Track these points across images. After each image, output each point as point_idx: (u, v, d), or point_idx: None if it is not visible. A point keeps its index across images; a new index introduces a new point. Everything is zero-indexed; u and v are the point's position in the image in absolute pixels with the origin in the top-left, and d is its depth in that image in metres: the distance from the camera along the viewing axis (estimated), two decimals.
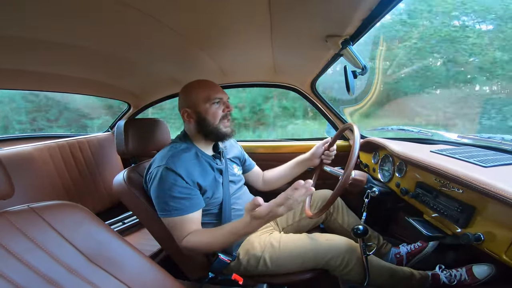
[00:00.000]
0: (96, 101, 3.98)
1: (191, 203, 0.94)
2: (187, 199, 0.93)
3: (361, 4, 0.65)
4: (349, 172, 0.90)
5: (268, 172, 1.40)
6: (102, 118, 4.09)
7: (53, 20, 0.68)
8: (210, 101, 1.01)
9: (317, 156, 1.26)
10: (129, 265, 0.69)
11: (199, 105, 1.02)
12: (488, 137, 1.03)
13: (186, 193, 0.93)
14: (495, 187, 0.63)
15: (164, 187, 0.91)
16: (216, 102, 1.03)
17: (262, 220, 0.79)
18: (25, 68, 1.04)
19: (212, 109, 1.02)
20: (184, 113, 1.05)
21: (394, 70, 3.07)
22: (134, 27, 0.77)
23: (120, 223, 1.67)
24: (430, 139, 1.32)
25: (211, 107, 1.02)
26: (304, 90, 1.71)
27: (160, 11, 0.68)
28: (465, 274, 1.07)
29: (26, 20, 0.66)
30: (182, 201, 0.92)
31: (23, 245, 0.58)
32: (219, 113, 1.03)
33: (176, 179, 0.92)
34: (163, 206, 0.92)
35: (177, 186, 0.92)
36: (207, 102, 1.01)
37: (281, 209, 0.76)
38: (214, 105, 1.02)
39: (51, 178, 1.54)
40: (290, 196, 0.75)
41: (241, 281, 0.97)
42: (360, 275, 1.00)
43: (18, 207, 0.63)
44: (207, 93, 1.02)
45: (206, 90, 1.03)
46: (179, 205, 0.91)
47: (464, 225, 0.76)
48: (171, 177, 0.92)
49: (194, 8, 0.68)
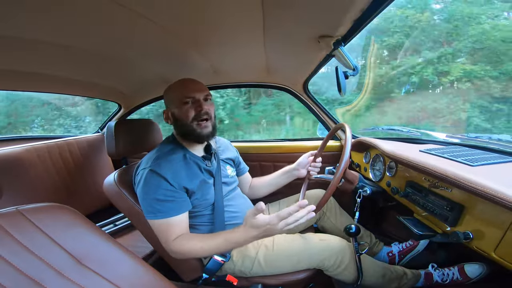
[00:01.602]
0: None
1: (176, 206, 0.93)
2: (172, 202, 0.92)
3: (352, 5, 0.66)
4: (341, 171, 0.91)
5: (256, 179, 1.41)
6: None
7: (39, 18, 0.66)
8: (182, 100, 0.98)
9: (302, 166, 1.26)
10: (121, 267, 0.68)
11: (174, 105, 1.01)
12: (476, 137, 1.05)
13: (170, 196, 0.92)
14: (483, 185, 0.64)
15: (148, 189, 0.91)
16: (190, 102, 0.99)
17: (259, 231, 0.79)
18: (9, 68, 1.01)
19: (183, 109, 0.99)
20: (164, 114, 1.04)
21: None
22: (124, 26, 0.76)
23: (111, 225, 1.65)
24: (420, 138, 1.34)
25: (182, 107, 0.99)
26: (297, 91, 1.72)
27: (151, 9, 0.68)
28: (457, 273, 1.09)
29: (9, 19, 0.64)
30: (166, 204, 0.91)
31: (11, 247, 0.57)
32: (190, 113, 0.98)
33: (161, 182, 0.91)
34: (148, 208, 0.91)
35: (161, 189, 0.91)
36: (180, 102, 0.99)
37: (281, 224, 0.76)
38: (186, 105, 0.99)
39: (40, 180, 1.51)
40: (292, 213, 0.75)
41: (236, 282, 0.97)
42: (353, 275, 1.00)
43: (6, 210, 0.62)
44: (180, 92, 0.99)
45: (181, 90, 1.00)
46: (164, 208, 0.90)
47: (453, 224, 0.78)
48: (156, 179, 0.91)
49: (186, 6, 0.68)
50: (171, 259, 1.04)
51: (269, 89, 1.88)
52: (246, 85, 1.86)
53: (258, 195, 1.38)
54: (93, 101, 5.02)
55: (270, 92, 4.64)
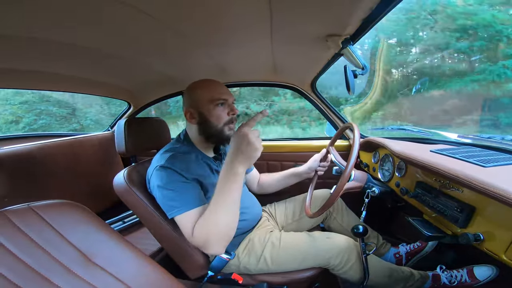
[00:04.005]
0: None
1: (195, 198, 0.90)
2: (191, 194, 0.90)
3: (361, 3, 0.65)
4: (349, 172, 0.90)
5: (265, 176, 1.40)
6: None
7: (51, 19, 0.68)
8: (214, 102, 0.96)
9: (313, 170, 1.28)
10: (128, 265, 0.69)
11: (202, 105, 0.98)
12: (488, 137, 1.03)
13: (190, 188, 0.90)
14: (495, 187, 0.63)
15: (166, 185, 0.89)
16: (220, 104, 0.98)
17: (237, 138, 0.80)
18: (22, 67, 1.04)
19: (216, 111, 0.97)
20: (187, 113, 1.01)
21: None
22: (132, 26, 0.77)
23: (120, 222, 1.67)
24: (430, 138, 1.32)
25: (215, 108, 0.97)
26: (305, 90, 1.71)
27: (159, 9, 0.68)
28: (466, 275, 1.07)
29: (24, 19, 0.66)
30: (185, 196, 0.89)
31: (22, 243, 0.59)
32: (223, 116, 0.98)
33: (177, 176, 0.90)
34: (170, 203, 0.88)
35: (179, 182, 0.89)
36: (211, 103, 0.97)
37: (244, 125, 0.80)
38: (218, 107, 0.97)
39: (52, 177, 1.55)
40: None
41: (241, 280, 0.97)
42: (359, 274, 1.00)
43: (18, 206, 0.63)
44: (211, 93, 0.97)
45: (211, 90, 0.98)
46: (183, 201, 0.88)
47: (463, 225, 0.76)
48: (172, 174, 0.90)
49: (194, 6, 0.68)
50: (177, 257, 1.05)
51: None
52: (254, 84, 1.86)
53: (267, 191, 1.38)
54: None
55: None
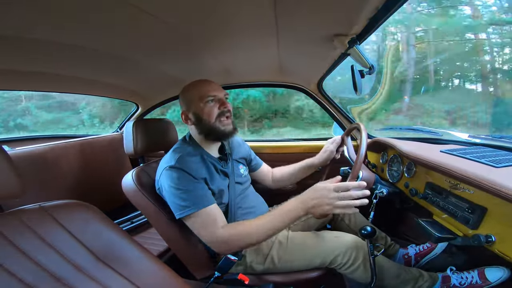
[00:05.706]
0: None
1: (208, 196, 0.93)
2: (203, 192, 0.92)
3: (367, 3, 0.65)
4: (356, 172, 0.89)
5: (278, 169, 1.39)
6: None
7: (59, 21, 0.69)
8: (204, 99, 0.99)
9: (329, 160, 1.27)
10: (136, 264, 0.70)
11: (194, 105, 1.01)
12: (500, 137, 1.01)
13: (200, 188, 0.92)
14: (507, 187, 0.62)
15: (177, 185, 0.90)
16: (210, 100, 1.00)
17: (314, 193, 0.80)
18: (31, 69, 1.06)
19: (206, 107, 1.00)
20: (182, 116, 1.05)
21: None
22: (139, 28, 0.78)
23: (128, 222, 1.70)
24: (440, 139, 1.29)
25: (205, 105, 0.99)
26: (311, 90, 1.70)
27: (165, 11, 0.69)
28: (477, 277, 1.04)
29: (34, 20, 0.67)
30: (199, 194, 0.90)
31: (33, 243, 0.60)
32: (214, 111, 1.00)
33: (187, 176, 0.91)
34: (182, 203, 0.89)
35: (189, 181, 0.91)
36: (201, 101, 0.99)
37: (333, 194, 0.77)
38: (208, 104, 1.00)
39: (62, 178, 1.58)
40: (351, 187, 0.77)
41: (247, 281, 0.97)
42: (366, 274, 0.98)
43: (29, 206, 0.65)
44: (200, 92, 1.00)
45: (199, 89, 1.01)
46: (198, 199, 0.89)
47: (475, 226, 0.75)
48: (181, 174, 0.91)
49: (199, 7, 0.69)
50: (184, 257, 1.06)
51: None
52: (259, 85, 1.86)
53: (284, 185, 1.38)
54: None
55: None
